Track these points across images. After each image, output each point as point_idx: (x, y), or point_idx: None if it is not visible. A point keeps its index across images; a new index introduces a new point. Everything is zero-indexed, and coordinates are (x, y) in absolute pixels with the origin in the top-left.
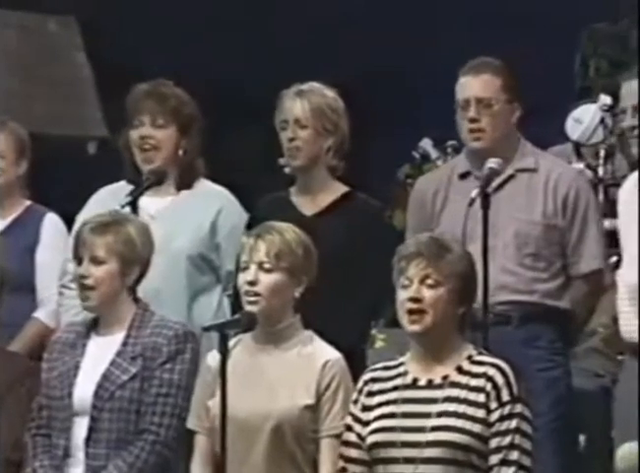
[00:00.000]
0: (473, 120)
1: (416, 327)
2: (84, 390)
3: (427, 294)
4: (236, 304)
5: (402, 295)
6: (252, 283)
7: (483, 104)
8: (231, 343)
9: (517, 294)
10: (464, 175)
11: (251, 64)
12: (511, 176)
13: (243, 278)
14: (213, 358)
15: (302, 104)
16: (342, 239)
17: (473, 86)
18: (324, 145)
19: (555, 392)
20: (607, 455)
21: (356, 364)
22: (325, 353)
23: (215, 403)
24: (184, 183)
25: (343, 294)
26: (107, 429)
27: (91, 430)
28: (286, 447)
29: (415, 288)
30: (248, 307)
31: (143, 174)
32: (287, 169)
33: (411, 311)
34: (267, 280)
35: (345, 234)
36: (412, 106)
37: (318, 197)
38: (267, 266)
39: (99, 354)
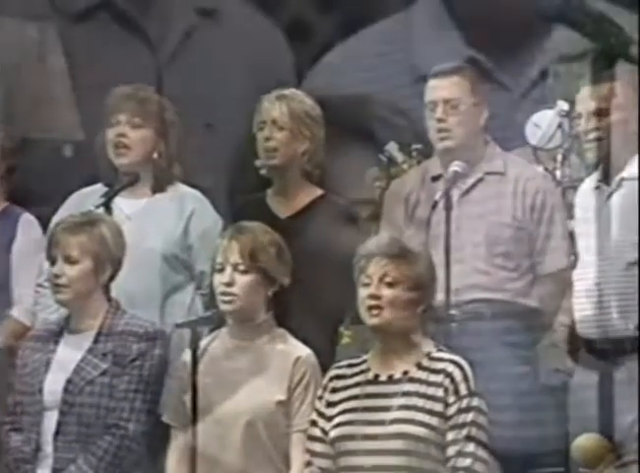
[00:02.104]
0: (440, 120)
1: (375, 320)
2: (54, 385)
3: (386, 292)
4: (210, 304)
5: (362, 292)
6: (228, 284)
7: (451, 105)
8: (208, 339)
9: (489, 292)
10: (436, 178)
11: None
12: (480, 180)
13: (219, 279)
14: (189, 354)
15: (281, 107)
16: (315, 241)
17: (441, 88)
18: (299, 148)
19: (523, 388)
20: (564, 448)
21: (328, 362)
22: (297, 350)
23: (190, 398)
24: (158, 186)
25: (316, 294)
26: (77, 423)
27: (60, 424)
28: (259, 442)
29: (374, 286)
30: (223, 307)
31: (117, 175)
32: (263, 171)
33: (370, 307)
34: (242, 281)
35: (318, 236)
36: None
37: (293, 200)
38: (241, 268)
39: (71, 350)
